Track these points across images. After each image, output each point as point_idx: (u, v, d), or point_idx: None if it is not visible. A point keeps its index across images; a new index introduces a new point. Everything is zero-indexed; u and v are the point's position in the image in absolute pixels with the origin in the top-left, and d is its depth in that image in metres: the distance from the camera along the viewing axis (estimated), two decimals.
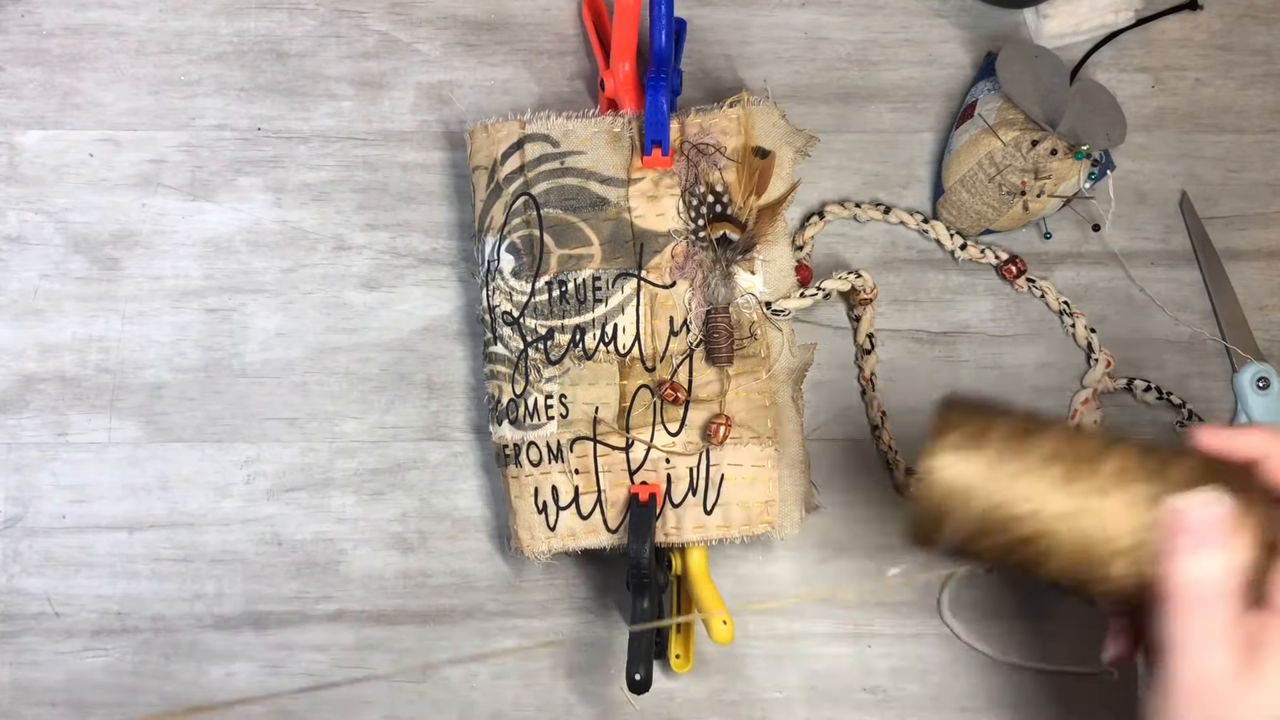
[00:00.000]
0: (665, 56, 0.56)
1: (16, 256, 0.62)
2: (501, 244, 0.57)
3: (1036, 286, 0.62)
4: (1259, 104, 0.64)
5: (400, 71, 0.63)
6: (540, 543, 0.56)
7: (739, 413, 0.55)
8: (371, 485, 0.61)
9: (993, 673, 0.61)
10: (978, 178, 0.59)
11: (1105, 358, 0.61)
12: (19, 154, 0.62)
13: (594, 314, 0.56)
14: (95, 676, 0.59)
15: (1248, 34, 0.65)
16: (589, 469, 0.55)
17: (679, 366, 0.56)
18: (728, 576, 0.60)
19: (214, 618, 0.60)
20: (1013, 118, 0.58)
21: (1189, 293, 0.63)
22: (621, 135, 0.57)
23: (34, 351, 0.61)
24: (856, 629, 0.61)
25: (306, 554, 0.60)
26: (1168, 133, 0.64)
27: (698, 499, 0.55)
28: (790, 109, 0.63)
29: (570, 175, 0.56)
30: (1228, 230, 0.63)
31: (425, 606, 0.60)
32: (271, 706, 0.59)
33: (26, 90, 0.62)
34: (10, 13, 0.63)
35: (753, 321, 0.56)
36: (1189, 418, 0.61)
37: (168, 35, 0.63)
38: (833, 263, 0.63)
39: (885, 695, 0.60)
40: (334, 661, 0.60)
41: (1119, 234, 0.63)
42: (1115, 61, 0.64)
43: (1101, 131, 0.58)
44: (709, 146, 0.57)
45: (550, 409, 0.55)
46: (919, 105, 0.64)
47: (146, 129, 0.62)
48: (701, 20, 0.64)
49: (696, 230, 0.56)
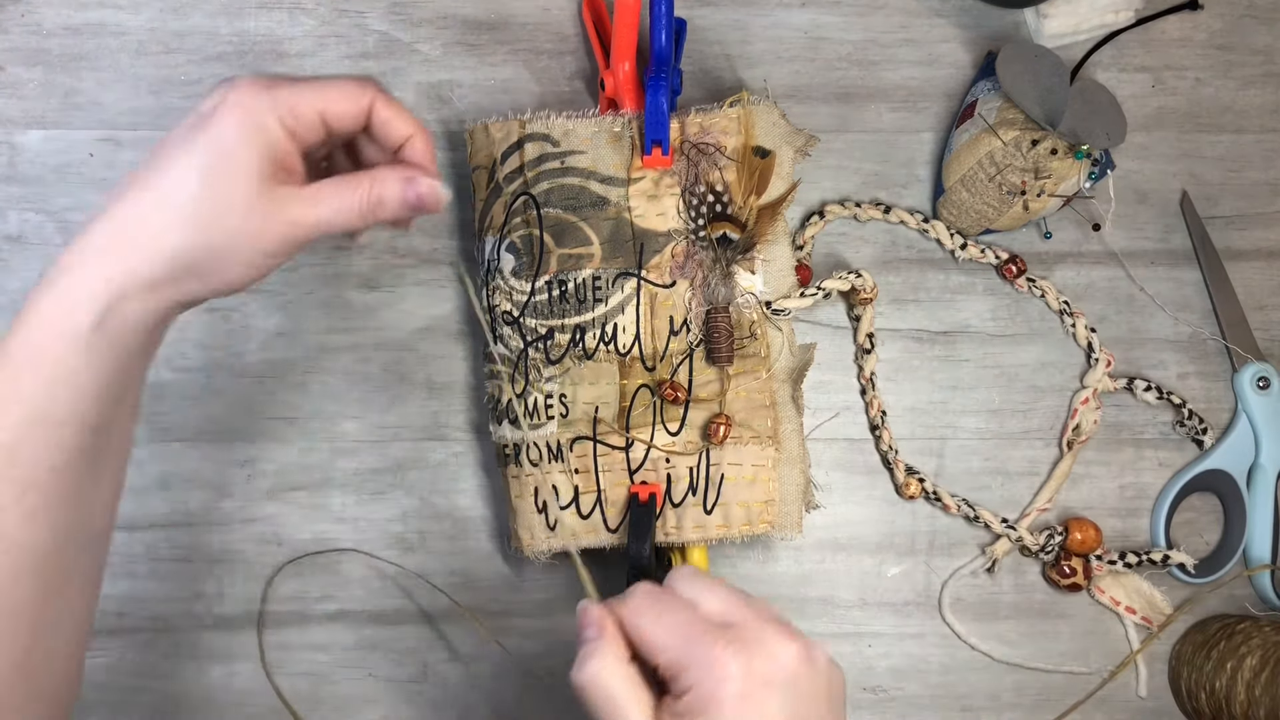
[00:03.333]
0: (665, 56, 0.56)
1: (16, 256, 0.62)
2: (501, 244, 0.57)
3: (1036, 286, 0.62)
4: (1259, 104, 0.64)
5: (400, 71, 0.63)
6: (540, 543, 0.56)
7: (739, 412, 0.55)
8: (371, 485, 0.61)
9: (993, 673, 0.61)
10: (978, 177, 0.59)
11: (1105, 357, 0.61)
12: (19, 154, 0.62)
13: (594, 313, 0.56)
14: (95, 676, 0.59)
15: (1248, 34, 0.65)
16: (589, 469, 0.55)
17: (679, 366, 0.56)
18: (728, 576, 0.60)
19: (214, 618, 0.60)
20: (1013, 117, 0.58)
21: (1189, 292, 0.63)
22: (621, 135, 0.57)
23: None
24: (856, 629, 0.61)
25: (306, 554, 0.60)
26: (1168, 133, 0.64)
27: (698, 499, 0.55)
28: (790, 109, 0.63)
29: (570, 175, 0.56)
30: (1228, 230, 0.63)
31: (425, 606, 0.60)
32: (272, 706, 0.59)
33: (27, 90, 0.62)
34: (10, 13, 0.63)
35: (753, 321, 0.56)
36: (1189, 417, 0.61)
37: (168, 35, 0.63)
38: (833, 262, 0.63)
39: (885, 695, 0.60)
40: (335, 661, 0.60)
41: (1119, 234, 0.63)
42: (1115, 61, 0.64)
43: (1101, 131, 0.58)
44: (709, 146, 0.57)
45: (550, 409, 0.55)
46: (919, 105, 0.64)
47: (147, 129, 0.62)
48: (701, 20, 0.64)
49: (696, 230, 0.56)
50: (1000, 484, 0.62)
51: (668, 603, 0.44)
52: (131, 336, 0.42)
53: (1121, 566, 0.60)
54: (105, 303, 0.41)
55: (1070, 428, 0.61)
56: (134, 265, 0.41)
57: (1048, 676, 0.61)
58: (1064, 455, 0.62)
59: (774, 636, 0.41)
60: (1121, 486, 0.62)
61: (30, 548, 0.40)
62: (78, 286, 0.41)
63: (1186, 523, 0.62)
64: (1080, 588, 0.60)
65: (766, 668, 0.41)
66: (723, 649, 0.41)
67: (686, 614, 0.43)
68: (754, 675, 0.40)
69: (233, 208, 0.42)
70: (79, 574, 0.43)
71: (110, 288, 0.41)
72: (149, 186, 0.42)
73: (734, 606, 0.42)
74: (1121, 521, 0.62)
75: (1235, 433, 0.62)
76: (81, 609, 0.43)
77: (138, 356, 0.43)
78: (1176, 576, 0.61)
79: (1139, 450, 0.62)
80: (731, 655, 0.41)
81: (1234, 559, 0.61)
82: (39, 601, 0.40)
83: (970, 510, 0.60)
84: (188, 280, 0.43)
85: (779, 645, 0.41)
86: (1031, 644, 0.61)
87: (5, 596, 0.39)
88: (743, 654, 0.41)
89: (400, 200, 0.46)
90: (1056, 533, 0.60)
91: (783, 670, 0.41)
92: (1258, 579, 0.61)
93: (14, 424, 0.40)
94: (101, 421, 0.42)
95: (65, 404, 0.40)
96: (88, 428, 0.41)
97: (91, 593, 0.44)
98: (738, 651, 0.41)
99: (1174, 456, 0.62)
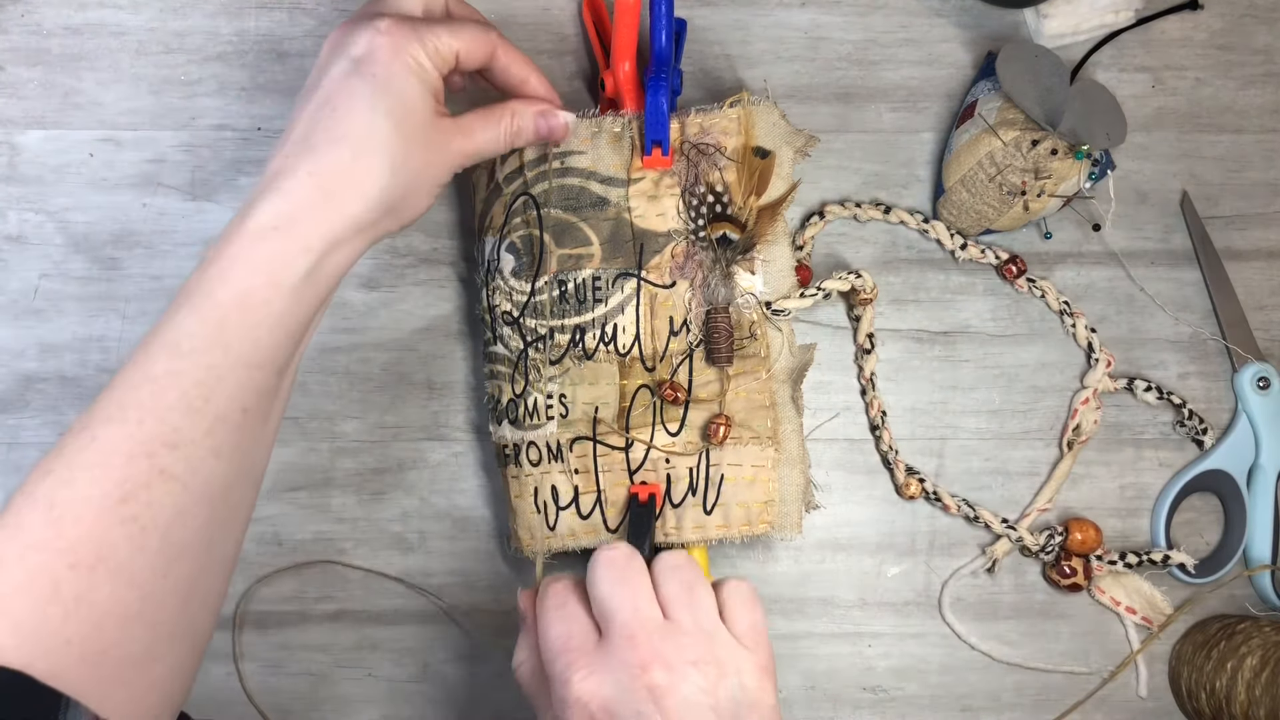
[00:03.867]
0: (665, 56, 0.56)
1: (16, 256, 0.62)
2: (501, 244, 0.57)
3: (1037, 286, 0.62)
4: (1259, 104, 0.64)
5: None
6: (540, 543, 0.56)
7: (739, 413, 0.55)
8: (372, 485, 0.61)
9: (993, 673, 0.61)
10: (978, 177, 0.59)
11: (1105, 357, 0.61)
12: (19, 154, 0.62)
13: (594, 314, 0.56)
14: None
15: (1248, 34, 0.65)
16: (589, 469, 0.55)
17: (679, 366, 0.56)
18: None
19: None
20: (1013, 117, 0.58)
21: (1189, 292, 0.63)
22: (621, 135, 0.57)
23: (34, 351, 0.61)
24: (856, 629, 0.61)
25: (306, 554, 0.60)
26: (1168, 133, 0.64)
27: (697, 499, 0.55)
28: (790, 109, 0.63)
29: (570, 175, 0.56)
30: (1228, 230, 0.63)
31: (425, 606, 0.60)
32: (271, 706, 0.59)
33: (27, 90, 0.62)
34: (10, 13, 0.63)
35: (753, 321, 0.56)
36: (1189, 418, 0.61)
37: (168, 35, 0.63)
38: (833, 262, 0.63)
39: (885, 695, 0.60)
40: (335, 661, 0.60)
41: (1119, 234, 0.63)
42: (1115, 61, 0.64)
43: (1102, 131, 0.58)
44: (709, 146, 0.57)
45: (550, 409, 0.55)
46: (919, 105, 0.64)
47: (147, 129, 0.62)
48: (701, 20, 0.64)
49: (696, 230, 0.56)
50: (1000, 484, 0.62)
51: (561, 610, 0.45)
52: (332, 280, 0.45)
53: (1122, 567, 0.60)
54: (320, 253, 0.43)
55: (1070, 428, 0.61)
56: (349, 213, 0.44)
57: (1048, 676, 0.61)
58: (1064, 455, 0.62)
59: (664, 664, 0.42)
60: (1121, 486, 0.62)
61: (211, 481, 0.41)
62: (294, 241, 0.43)
63: (1186, 523, 0.62)
64: (1080, 588, 0.60)
65: (616, 699, 0.41)
66: (575, 672, 0.42)
67: (572, 625, 0.44)
68: (602, 705, 0.41)
69: (417, 145, 0.46)
70: (243, 510, 0.45)
71: (325, 240, 0.43)
72: (340, 137, 0.44)
73: (643, 619, 0.43)
74: (1121, 521, 0.62)
75: (1235, 433, 0.62)
76: (235, 548, 0.45)
77: (327, 297, 0.45)
78: (1176, 576, 0.61)
79: (1139, 450, 0.62)
80: (580, 679, 0.42)
81: (1234, 559, 0.61)
82: (208, 535, 0.42)
83: (970, 510, 0.60)
84: (386, 219, 0.46)
85: (655, 673, 0.42)
86: (1031, 644, 0.61)
87: (183, 528, 0.40)
88: (591, 679, 0.42)
89: (534, 130, 0.53)
90: (1057, 533, 0.60)
91: (633, 700, 0.41)
92: (1258, 579, 0.61)
93: (215, 364, 0.41)
94: (287, 363, 0.44)
95: (266, 349, 0.42)
96: (276, 369, 0.43)
97: (243, 533, 0.45)
98: (586, 676, 0.42)
99: (1174, 456, 0.62)
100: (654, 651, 0.42)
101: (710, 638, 0.44)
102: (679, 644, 0.43)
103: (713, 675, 0.42)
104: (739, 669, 0.43)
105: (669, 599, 0.44)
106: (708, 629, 0.44)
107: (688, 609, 0.44)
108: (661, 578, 0.45)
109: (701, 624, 0.44)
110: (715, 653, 0.43)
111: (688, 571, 0.46)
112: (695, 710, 0.41)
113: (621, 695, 0.41)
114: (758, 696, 0.43)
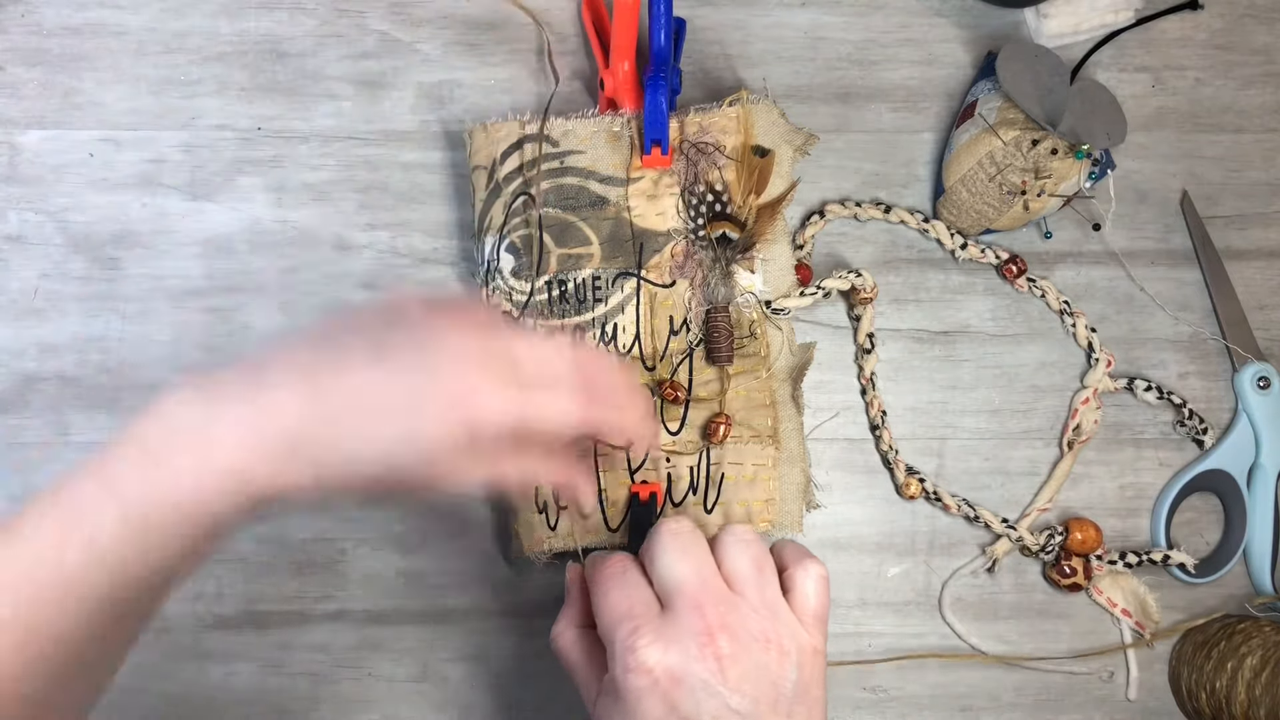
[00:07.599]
0: (665, 56, 0.56)
1: (16, 256, 0.62)
2: (501, 244, 0.57)
3: (1037, 286, 0.62)
4: (1259, 104, 0.64)
5: (400, 71, 0.63)
6: (540, 543, 0.56)
7: (739, 412, 0.55)
8: None
9: (993, 673, 0.61)
10: (978, 177, 0.59)
11: (1105, 357, 0.61)
12: (19, 154, 0.62)
13: (594, 313, 0.56)
14: None
15: (1248, 34, 0.65)
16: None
17: (679, 366, 0.56)
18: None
19: (214, 618, 0.60)
20: (1013, 117, 0.58)
21: (1189, 292, 0.63)
22: (621, 134, 0.57)
23: (34, 351, 0.61)
24: (856, 629, 0.61)
25: (306, 554, 0.60)
26: (1168, 132, 0.64)
27: (698, 498, 0.55)
28: (790, 109, 0.63)
29: (570, 174, 0.56)
30: (1228, 230, 0.63)
31: (425, 606, 0.60)
32: (272, 706, 0.59)
33: (26, 90, 0.62)
34: (10, 13, 0.63)
35: (753, 320, 0.56)
36: (1189, 417, 0.61)
37: (168, 35, 0.63)
38: (833, 262, 0.63)
39: (885, 695, 0.60)
40: (335, 661, 0.60)
41: (1119, 233, 0.63)
42: (1115, 61, 0.64)
43: (1102, 131, 0.58)
44: (708, 145, 0.57)
45: None
46: (919, 105, 0.64)
47: (147, 129, 0.62)
48: (701, 20, 0.64)
49: (696, 229, 0.56)
50: (1000, 484, 0.62)
51: (622, 578, 0.44)
52: None
53: (1122, 566, 0.60)
54: None
55: (1070, 428, 0.61)
56: None
57: (1048, 676, 0.61)
58: (1064, 455, 0.62)
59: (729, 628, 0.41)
60: (1122, 486, 0.62)
61: None
62: None
63: (1187, 523, 0.62)
64: (1080, 588, 0.60)
65: (682, 666, 0.41)
66: (639, 639, 0.41)
67: (633, 592, 0.43)
68: (667, 671, 0.40)
69: None
70: None
71: None
72: None
73: (710, 589, 0.43)
74: (1122, 521, 0.62)
75: (1235, 433, 0.61)
76: None
77: None
78: (1177, 576, 0.61)
79: (1139, 450, 0.62)
80: (645, 645, 0.41)
81: (1234, 559, 0.61)
82: None
83: (970, 510, 0.60)
84: None
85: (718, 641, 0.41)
86: (1031, 644, 0.61)
87: None
88: (656, 646, 0.41)
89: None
90: (1057, 533, 0.60)
91: (700, 669, 0.41)
92: (1258, 579, 0.61)
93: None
94: None
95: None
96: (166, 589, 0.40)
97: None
98: (651, 643, 0.41)
99: (1174, 456, 0.62)
100: (721, 621, 0.42)
101: (774, 615, 0.43)
102: (744, 616, 0.43)
103: (774, 653, 0.42)
104: (799, 649, 0.43)
105: (735, 573, 0.44)
106: (773, 606, 0.44)
107: (755, 585, 0.44)
108: (729, 551, 0.45)
109: (767, 600, 0.44)
110: (779, 630, 0.43)
111: (755, 547, 0.45)
112: (758, 684, 0.41)
113: (688, 663, 0.41)
114: (809, 684, 0.43)
